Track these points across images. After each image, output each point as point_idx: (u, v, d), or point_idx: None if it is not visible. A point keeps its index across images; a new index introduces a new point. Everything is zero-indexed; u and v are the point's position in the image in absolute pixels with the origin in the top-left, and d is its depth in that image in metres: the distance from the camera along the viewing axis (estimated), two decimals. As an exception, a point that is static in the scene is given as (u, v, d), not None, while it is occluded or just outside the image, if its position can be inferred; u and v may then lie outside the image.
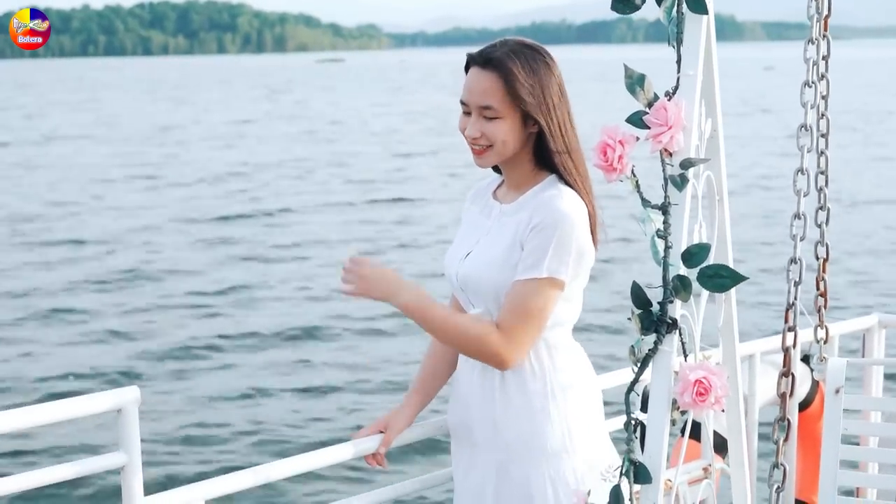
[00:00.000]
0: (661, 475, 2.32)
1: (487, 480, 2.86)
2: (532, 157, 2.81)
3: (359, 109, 53.61)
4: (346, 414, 9.53)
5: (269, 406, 9.77)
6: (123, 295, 14.38)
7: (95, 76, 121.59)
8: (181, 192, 24.58)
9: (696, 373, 2.28)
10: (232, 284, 14.87)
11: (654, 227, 2.35)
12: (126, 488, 2.53)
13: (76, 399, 2.47)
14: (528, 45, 2.80)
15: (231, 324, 12.79)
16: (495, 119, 2.73)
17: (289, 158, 31.32)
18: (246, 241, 18.34)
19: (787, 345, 2.33)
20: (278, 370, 10.93)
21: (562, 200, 2.71)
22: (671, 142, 2.35)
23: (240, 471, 2.78)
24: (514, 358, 2.72)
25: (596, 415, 2.90)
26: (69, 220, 20.31)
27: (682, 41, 2.41)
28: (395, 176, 27.38)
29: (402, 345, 11.55)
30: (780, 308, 11.21)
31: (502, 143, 2.75)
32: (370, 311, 12.62)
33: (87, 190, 24.79)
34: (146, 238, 18.52)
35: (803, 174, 2.35)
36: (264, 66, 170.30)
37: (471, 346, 2.72)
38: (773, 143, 32.59)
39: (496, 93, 2.71)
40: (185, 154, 33.20)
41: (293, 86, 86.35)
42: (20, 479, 2.40)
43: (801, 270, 2.27)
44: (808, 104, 2.34)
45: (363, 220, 20.44)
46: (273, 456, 7.84)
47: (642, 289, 2.34)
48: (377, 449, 2.94)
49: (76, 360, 11.25)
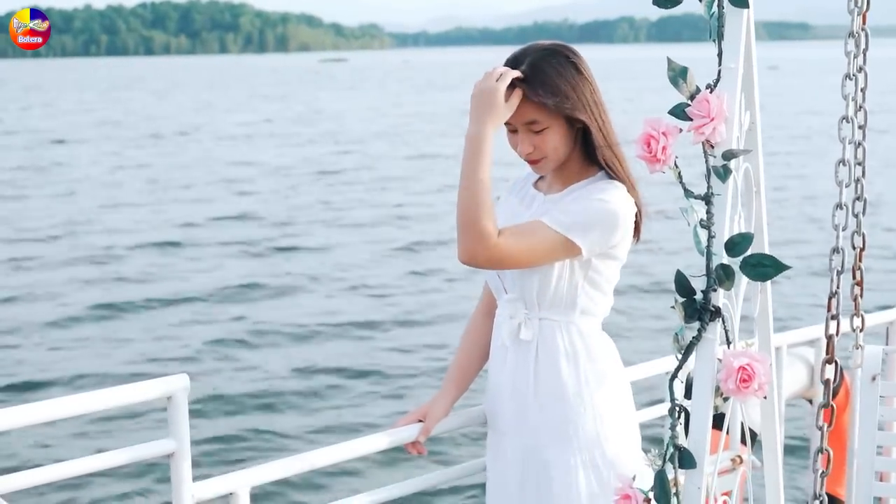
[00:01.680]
0: (704, 460, 2.36)
1: (519, 467, 2.91)
2: (581, 154, 2.87)
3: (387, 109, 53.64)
4: (392, 400, 9.77)
5: (318, 394, 9.99)
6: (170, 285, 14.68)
7: (105, 76, 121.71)
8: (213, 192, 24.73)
9: (739, 360, 2.32)
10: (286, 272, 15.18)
11: (697, 218, 2.39)
12: (175, 474, 2.58)
13: (127, 386, 2.52)
14: (557, 50, 2.83)
15: (277, 311, 13.06)
16: (543, 131, 2.78)
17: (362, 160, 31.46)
18: (298, 235, 18.62)
19: (829, 332, 2.37)
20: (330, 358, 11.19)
21: (617, 191, 2.79)
22: (713, 133, 2.39)
23: (283, 459, 2.83)
24: (480, 263, 2.70)
25: (627, 404, 2.95)
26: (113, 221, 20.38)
27: (723, 35, 2.45)
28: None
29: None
30: (796, 302, 11.31)
31: (554, 150, 2.81)
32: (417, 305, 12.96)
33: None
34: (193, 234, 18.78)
35: (844, 165, 2.39)
36: (269, 66, 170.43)
37: (467, 222, 2.67)
38: (782, 143, 32.65)
39: (534, 107, 2.76)
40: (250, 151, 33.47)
41: (315, 86, 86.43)
42: (76, 464, 2.45)
43: (843, 259, 2.31)
44: (849, 96, 2.38)
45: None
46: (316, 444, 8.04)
47: (686, 278, 2.38)
48: (416, 437, 2.98)
49: (129, 350, 11.57)
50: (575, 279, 2.82)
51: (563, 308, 2.84)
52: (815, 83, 69.30)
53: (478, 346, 3.08)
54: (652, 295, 13.14)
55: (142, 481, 7.65)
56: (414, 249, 17.08)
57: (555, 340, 2.85)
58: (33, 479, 2.39)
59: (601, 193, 2.78)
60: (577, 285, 2.82)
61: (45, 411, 2.41)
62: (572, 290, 2.83)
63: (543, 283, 2.82)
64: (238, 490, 2.67)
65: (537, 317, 2.86)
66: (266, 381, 10.37)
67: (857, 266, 2.57)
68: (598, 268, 2.83)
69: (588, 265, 2.81)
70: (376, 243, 17.72)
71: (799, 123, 40.25)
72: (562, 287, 2.82)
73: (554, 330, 2.85)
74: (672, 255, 15.04)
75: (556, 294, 2.82)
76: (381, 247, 17.37)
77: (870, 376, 2.72)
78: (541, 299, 2.84)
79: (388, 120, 46.47)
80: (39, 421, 2.42)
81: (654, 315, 12.20)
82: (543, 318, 2.86)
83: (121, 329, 12.38)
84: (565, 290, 2.82)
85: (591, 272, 2.83)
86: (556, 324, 2.85)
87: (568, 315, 2.85)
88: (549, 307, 2.84)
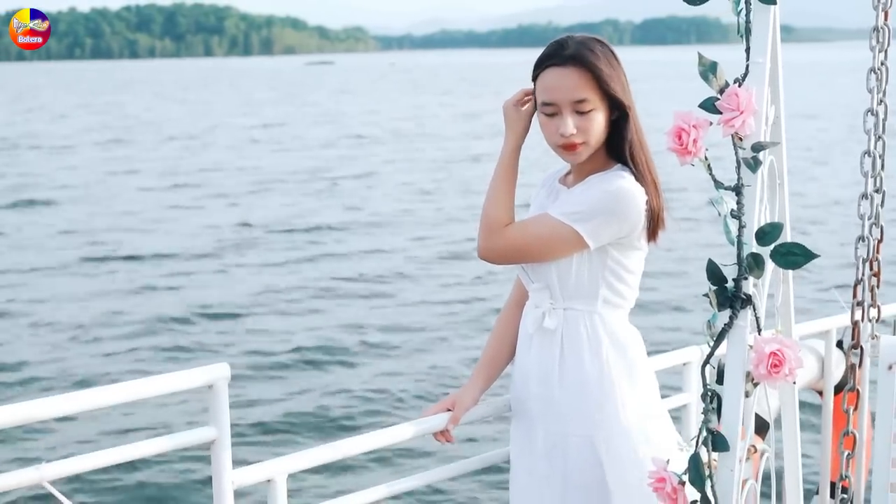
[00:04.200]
0: (737, 443, 2.43)
1: (547, 453, 2.97)
2: (605, 147, 2.91)
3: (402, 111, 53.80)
4: (432, 387, 10.02)
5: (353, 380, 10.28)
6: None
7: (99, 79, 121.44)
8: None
9: (770, 345, 2.39)
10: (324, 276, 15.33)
11: (727, 208, 2.46)
12: (216, 461, 2.64)
13: (170, 375, 2.57)
14: (596, 39, 2.89)
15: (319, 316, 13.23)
16: (590, 112, 2.81)
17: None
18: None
19: (855, 318, 2.45)
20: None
21: (624, 181, 2.83)
22: (743, 126, 2.45)
23: (318, 447, 2.89)
24: (490, 256, 2.91)
25: (653, 393, 3.01)
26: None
27: (751, 31, 2.52)
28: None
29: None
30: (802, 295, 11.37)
31: (598, 135, 2.84)
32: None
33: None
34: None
35: (870, 156, 2.46)
36: (259, 68, 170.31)
37: (483, 216, 2.90)
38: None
39: (588, 84, 2.79)
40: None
41: (320, 88, 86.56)
42: (121, 451, 2.50)
43: (869, 248, 2.38)
44: (873, 90, 2.45)
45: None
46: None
47: (718, 266, 2.45)
48: (445, 426, 3.04)
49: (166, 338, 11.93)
50: (595, 270, 2.88)
51: (586, 298, 2.90)
52: (803, 86, 69.35)
53: (507, 337, 3.14)
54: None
55: (178, 469, 7.84)
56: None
57: (578, 330, 2.91)
58: (80, 467, 2.44)
59: (606, 184, 2.83)
60: (598, 276, 2.88)
61: (90, 399, 2.46)
62: (594, 281, 2.89)
63: (562, 273, 2.88)
64: (276, 477, 2.73)
65: (562, 307, 2.92)
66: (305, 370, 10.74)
67: (874, 257, 2.64)
68: (618, 258, 2.88)
69: (606, 255, 2.86)
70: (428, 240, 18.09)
71: (790, 126, 40.34)
72: (582, 277, 2.88)
73: (577, 320, 2.91)
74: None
75: (577, 284, 2.89)
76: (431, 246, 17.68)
77: (887, 365, 2.79)
78: (563, 289, 2.90)
79: (438, 121, 46.54)
80: (84, 409, 2.47)
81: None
82: (568, 307, 2.92)
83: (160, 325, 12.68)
84: (586, 281, 2.88)
85: (612, 262, 2.88)
86: (580, 314, 2.91)
87: (591, 305, 2.91)
88: (573, 297, 2.90)
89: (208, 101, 66.53)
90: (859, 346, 2.49)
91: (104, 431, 8.60)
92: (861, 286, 2.44)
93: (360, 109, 56.01)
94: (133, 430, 8.54)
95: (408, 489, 3.05)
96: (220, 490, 2.64)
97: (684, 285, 13.71)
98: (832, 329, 4.20)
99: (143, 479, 7.67)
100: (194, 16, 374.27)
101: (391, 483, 3.01)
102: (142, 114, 54.32)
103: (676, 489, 2.42)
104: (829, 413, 4.25)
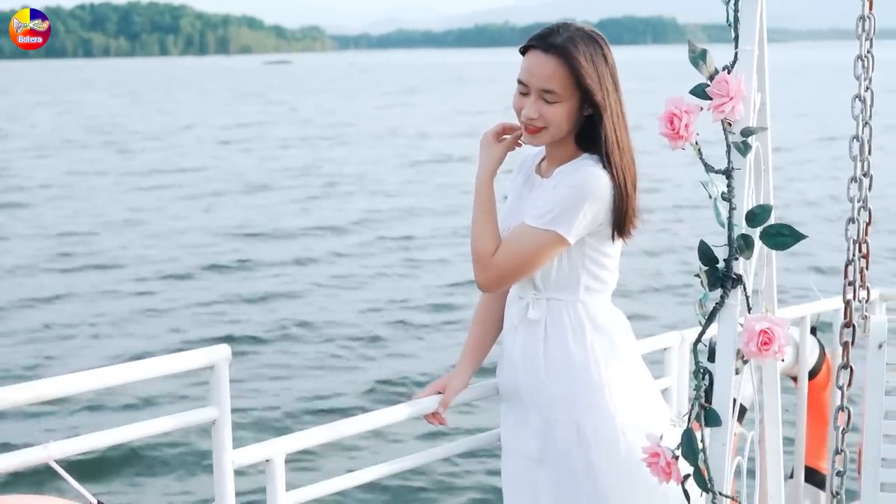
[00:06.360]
0: (728, 418, 2.50)
1: (533, 437, 3.03)
2: (576, 139, 2.97)
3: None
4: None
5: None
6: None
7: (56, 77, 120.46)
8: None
9: (761, 324, 2.47)
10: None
11: (718, 191, 2.53)
12: (216, 441, 2.68)
13: (172, 356, 2.62)
14: (587, 32, 2.95)
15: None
16: (555, 103, 2.88)
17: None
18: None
19: (847, 298, 2.53)
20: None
21: (590, 170, 2.89)
22: (732, 112, 2.53)
23: (315, 427, 2.94)
24: (487, 287, 2.98)
25: (639, 375, 3.07)
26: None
27: (739, 20, 2.59)
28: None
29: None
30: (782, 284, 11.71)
31: (558, 125, 2.90)
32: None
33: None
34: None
35: (858, 141, 2.54)
36: (213, 67, 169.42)
37: (472, 251, 2.97)
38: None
39: (560, 78, 2.86)
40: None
41: (282, 87, 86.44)
42: (125, 431, 2.54)
43: (859, 229, 2.46)
44: (860, 77, 2.53)
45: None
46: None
47: (710, 247, 2.52)
48: (436, 409, 3.11)
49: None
50: (575, 260, 2.95)
51: (568, 288, 2.97)
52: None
53: (490, 320, 3.20)
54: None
55: (177, 448, 8.08)
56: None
57: (562, 319, 2.97)
58: (86, 445, 2.48)
59: (571, 177, 2.89)
60: (579, 265, 2.95)
61: (92, 380, 2.49)
62: (574, 271, 2.95)
63: (545, 266, 2.95)
64: (274, 457, 2.78)
65: (545, 297, 2.99)
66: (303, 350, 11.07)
67: (862, 240, 2.72)
68: (596, 245, 2.95)
69: (584, 244, 2.93)
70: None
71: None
72: (563, 269, 2.95)
73: (561, 309, 2.98)
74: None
75: (558, 276, 2.96)
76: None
77: (877, 344, 2.88)
78: (545, 281, 2.97)
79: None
80: (87, 390, 2.51)
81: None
82: (551, 297, 2.99)
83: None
84: (567, 272, 2.95)
85: (590, 251, 2.95)
86: (563, 303, 2.98)
87: (573, 294, 2.97)
88: (555, 288, 2.97)
89: (178, 101, 66.13)
90: (851, 324, 2.57)
91: (102, 411, 8.94)
92: (852, 266, 2.52)
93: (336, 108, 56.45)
94: (133, 410, 8.87)
95: (401, 469, 3.12)
96: (220, 469, 2.68)
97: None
98: (807, 315, 4.30)
99: (145, 456, 7.95)
100: (149, 14, 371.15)
101: (389, 463, 3.08)
102: (102, 113, 53.93)
103: (670, 463, 2.48)
104: (803, 398, 4.35)
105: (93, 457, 7.26)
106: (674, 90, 2.74)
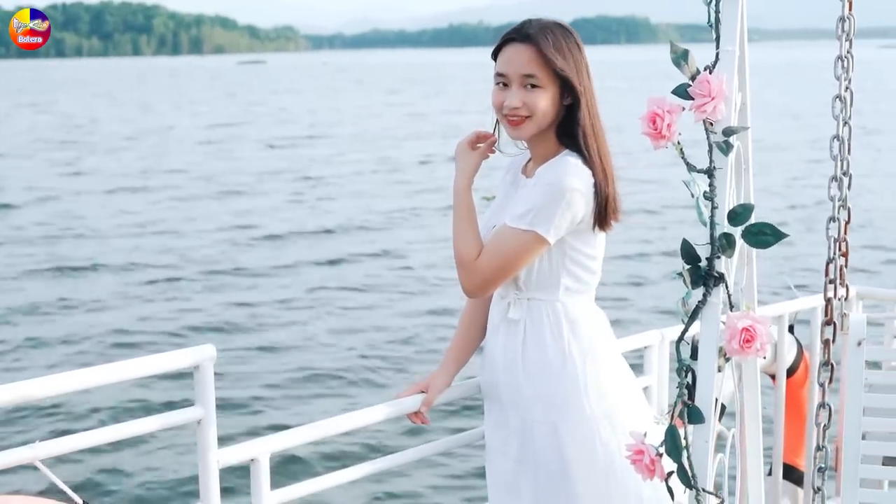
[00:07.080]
0: (711, 415, 2.52)
1: (513, 438, 3.05)
2: (557, 133, 3.00)
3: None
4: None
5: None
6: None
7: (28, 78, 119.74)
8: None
9: (743, 321, 2.49)
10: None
11: (700, 190, 2.55)
12: (201, 440, 2.69)
13: (156, 356, 2.62)
14: (560, 24, 2.99)
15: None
16: (537, 88, 2.91)
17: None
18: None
19: (828, 296, 2.55)
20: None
21: (568, 167, 2.91)
22: (714, 111, 2.55)
23: (299, 427, 2.95)
24: (473, 291, 2.98)
25: (619, 375, 3.09)
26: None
27: (720, 20, 2.62)
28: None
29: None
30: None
31: (542, 113, 2.92)
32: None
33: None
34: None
35: (838, 140, 2.57)
36: (187, 67, 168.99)
37: (455, 257, 2.98)
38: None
39: (539, 63, 2.89)
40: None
41: (258, 87, 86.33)
42: (111, 430, 2.54)
43: (839, 228, 2.49)
44: (840, 77, 2.56)
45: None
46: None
47: (692, 246, 2.54)
48: (419, 408, 3.12)
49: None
50: (555, 261, 2.97)
51: (548, 288, 2.99)
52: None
53: (475, 321, 3.23)
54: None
55: (162, 449, 8.11)
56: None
57: (541, 319, 3.00)
58: (72, 445, 2.48)
59: (550, 175, 2.91)
60: (559, 266, 2.97)
61: (78, 380, 2.50)
62: (555, 272, 2.98)
63: (526, 268, 2.97)
64: (259, 456, 2.78)
65: (526, 297, 3.01)
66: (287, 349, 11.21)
67: (841, 238, 2.75)
68: (576, 246, 2.97)
69: (564, 244, 2.95)
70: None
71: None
72: (543, 269, 2.97)
73: (541, 309, 3.00)
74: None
75: (539, 276, 2.98)
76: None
77: (856, 341, 2.91)
78: (527, 282, 2.99)
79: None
80: (74, 389, 2.51)
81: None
82: (531, 298, 3.01)
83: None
84: (547, 273, 2.97)
85: (570, 251, 2.97)
86: (543, 303, 3.00)
87: (553, 294, 3.00)
88: (536, 289, 3.00)
89: (153, 101, 65.82)
90: (832, 322, 2.60)
91: (85, 410, 8.97)
92: (833, 265, 2.55)
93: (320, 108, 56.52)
94: (122, 410, 8.92)
95: (386, 468, 3.13)
96: (205, 468, 2.69)
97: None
98: (784, 314, 4.33)
99: (126, 459, 7.94)
100: (122, 14, 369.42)
101: (372, 462, 3.09)
102: (78, 114, 53.62)
103: (654, 460, 2.50)
104: (781, 396, 4.38)
105: (75, 457, 7.25)
106: (651, 90, 2.77)
